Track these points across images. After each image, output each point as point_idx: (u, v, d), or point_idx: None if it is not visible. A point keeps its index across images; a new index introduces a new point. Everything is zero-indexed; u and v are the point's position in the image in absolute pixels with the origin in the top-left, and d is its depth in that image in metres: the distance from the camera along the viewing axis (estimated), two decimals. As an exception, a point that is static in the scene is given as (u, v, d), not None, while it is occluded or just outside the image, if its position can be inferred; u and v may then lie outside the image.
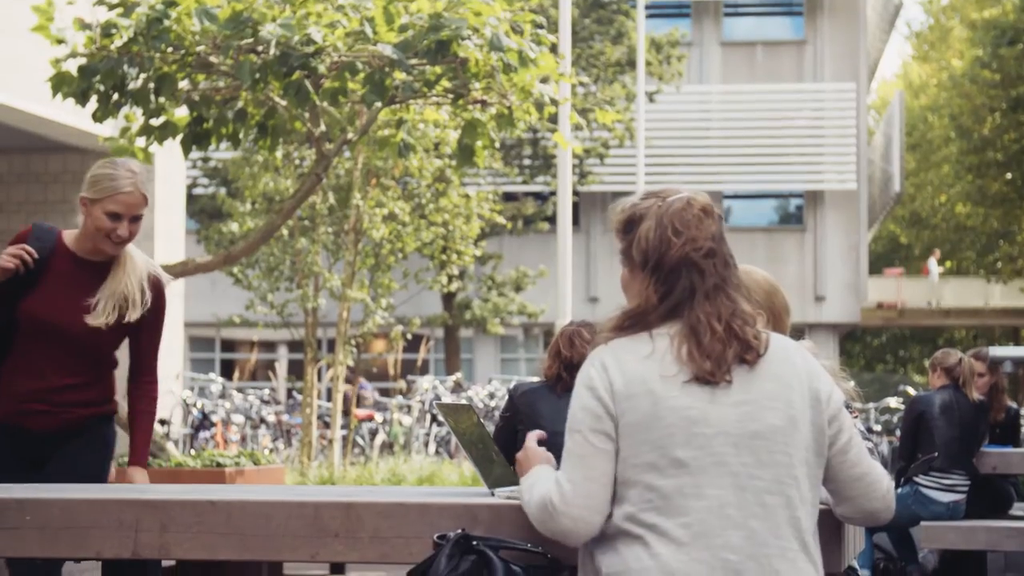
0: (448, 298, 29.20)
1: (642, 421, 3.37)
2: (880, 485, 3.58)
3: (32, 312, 5.31)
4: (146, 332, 5.47)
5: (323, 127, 10.78)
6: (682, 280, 3.46)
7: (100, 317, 5.30)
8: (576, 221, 33.02)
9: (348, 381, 19.16)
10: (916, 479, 10.01)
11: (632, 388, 3.39)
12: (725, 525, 3.33)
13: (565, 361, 6.75)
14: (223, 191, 23.76)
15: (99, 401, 5.48)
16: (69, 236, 5.49)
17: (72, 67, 9.74)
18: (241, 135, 10.21)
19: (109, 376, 5.53)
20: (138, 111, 9.97)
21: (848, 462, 3.53)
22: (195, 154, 20.78)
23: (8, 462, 5.29)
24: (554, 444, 3.61)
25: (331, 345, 22.87)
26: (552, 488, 3.45)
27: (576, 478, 3.42)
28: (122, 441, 5.94)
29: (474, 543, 3.53)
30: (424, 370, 33.28)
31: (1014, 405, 11.02)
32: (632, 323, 3.49)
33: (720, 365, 3.40)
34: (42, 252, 5.38)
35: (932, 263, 41.18)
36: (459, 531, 3.56)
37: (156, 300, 5.43)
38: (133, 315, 5.34)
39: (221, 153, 23.87)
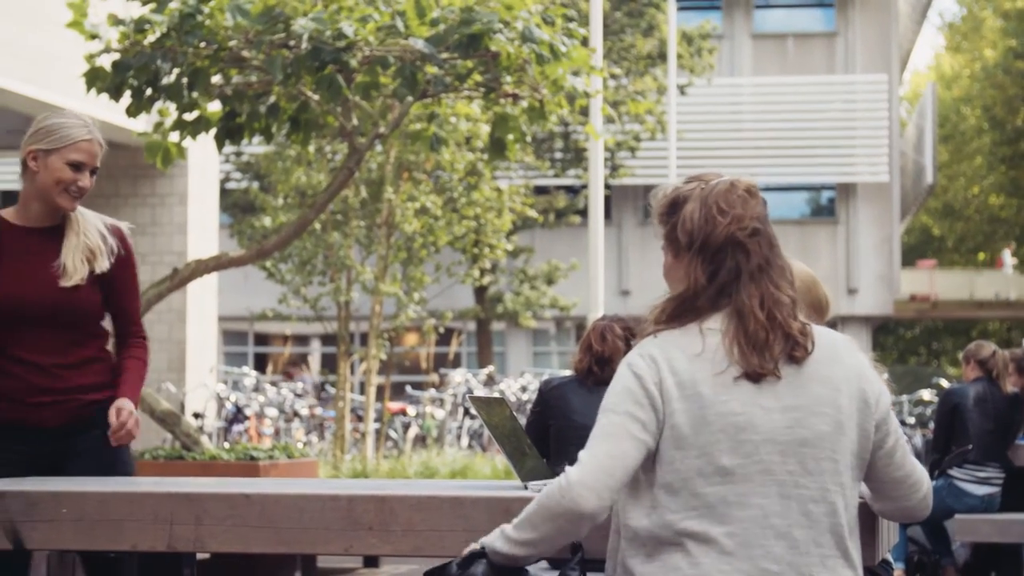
0: (480, 292, 29.22)
1: (689, 425, 3.31)
2: (921, 487, 3.56)
3: (0, 298, 4.96)
4: (120, 283, 5.11)
5: (355, 121, 10.80)
6: (728, 260, 3.40)
7: (72, 276, 4.97)
8: (608, 214, 32.99)
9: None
10: (950, 472, 9.99)
11: (682, 390, 3.32)
12: (768, 535, 3.29)
13: (596, 355, 6.75)
14: (256, 185, 23.79)
15: (104, 384, 5.07)
16: (8, 212, 5.12)
17: (106, 62, 9.78)
18: (274, 129, 10.24)
19: (106, 353, 5.15)
20: (171, 106, 10.01)
21: (893, 465, 3.50)
22: (228, 148, 20.82)
23: (18, 467, 4.90)
24: (585, 439, 3.58)
25: (364, 339, 22.91)
26: (568, 469, 3.36)
27: (598, 452, 3.31)
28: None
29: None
30: (456, 363, 33.31)
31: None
32: (681, 310, 3.42)
33: (765, 356, 3.34)
34: None
35: (1007, 255, 40.88)
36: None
37: (122, 246, 5.12)
38: (102, 263, 5.01)
39: (254, 147, 23.92)
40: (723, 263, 3.41)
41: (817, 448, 3.34)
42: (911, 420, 21.82)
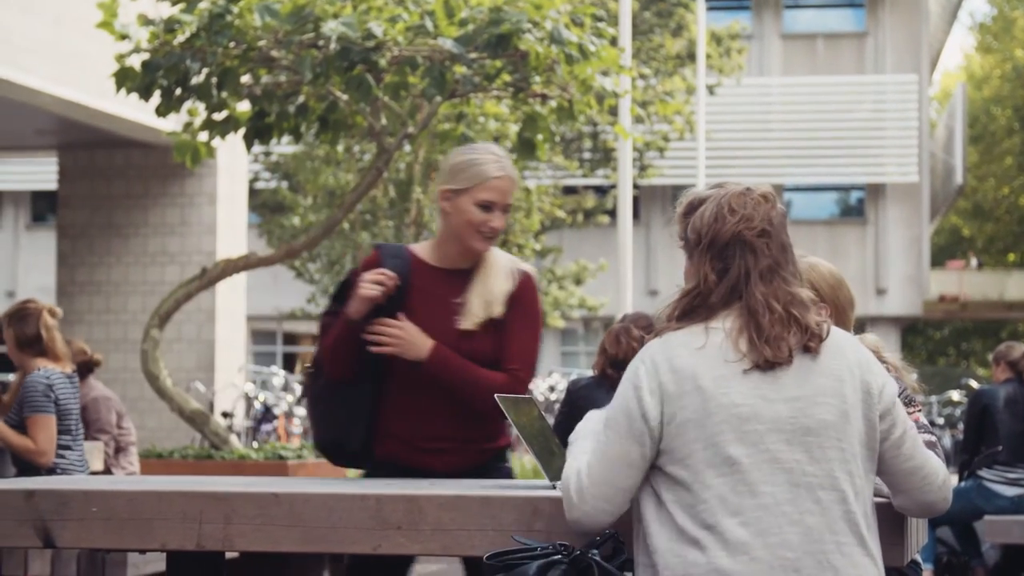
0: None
1: (693, 419, 3.38)
2: (936, 477, 3.56)
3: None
4: (508, 323, 4.78)
5: (384, 121, 10.82)
6: (736, 259, 3.48)
7: (470, 318, 4.74)
8: (636, 214, 32.99)
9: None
10: (980, 473, 9.97)
11: (683, 386, 3.40)
12: (781, 523, 3.32)
13: (611, 358, 6.77)
14: (284, 185, 23.86)
15: (498, 432, 4.88)
16: (422, 249, 4.90)
17: (135, 62, 9.82)
18: (302, 129, 10.27)
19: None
20: (201, 106, 10.04)
21: (902, 455, 3.53)
22: (257, 148, 20.86)
23: None
24: None
25: (392, 338, 22.93)
26: (573, 478, 3.50)
27: (596, 477, 3.47)
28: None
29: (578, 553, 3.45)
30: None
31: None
32: (692, 307, 3.50)
33: (780, 347, 3.41)
34: (400, 271, 4.77)
35: None
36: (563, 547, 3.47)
37: (523, 292, 4.81)
38: (498, 309, 4.76)
39: (283, 147, 23.96)
40: (732, 261, 3.49)
41: (822, 436, 3.39)
42: (940, 421, 21.77)
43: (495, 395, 4.21)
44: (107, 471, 8.85)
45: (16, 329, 7.49)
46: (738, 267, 3.48)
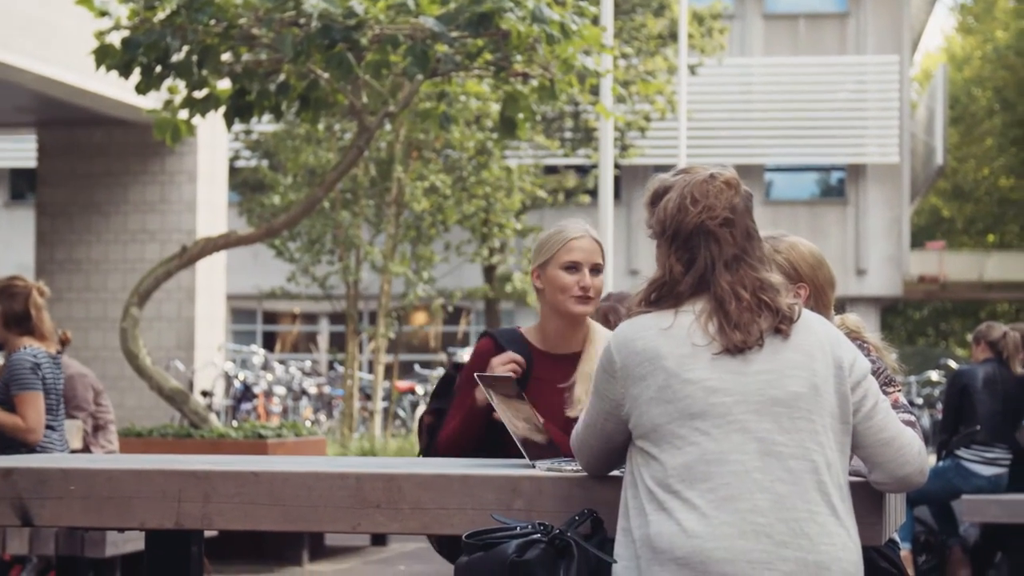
0: (489, 271, 29.19)
1: (658, 396, 3.43)
2: (910, 449, 3.57)
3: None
4: None
5: (365, 100, 10.79)
6: (701, 249, 3.52)
7: (576, 406, 4.65)
8: (617, 194, 32.95)
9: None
10: (958, 452, 9.99)
11: (646, 367, 3.45)
12: (752, 489, 3.35)
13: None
14: (265, 164, 23.80)
15: None
16: (530, 333, 4.85)
17: (115, 39, 9.78)
18: (283, 108, 10.24)
19: None
20: (181, 83, 10.01)
21: (875, 427, 3.54)
22: (237, 127, 20.83)
23: None
24: None
25: (372, 317, 22.92)
26: (573, 436, 3.72)
27: (582, 442, 3.68)
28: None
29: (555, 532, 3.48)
30: (465, 342, 33.31)
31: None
32: (659, 295, 3.55)
33: (751, 332, 3.44)
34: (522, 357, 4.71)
35: None
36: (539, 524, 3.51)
37: None
38: None
39: (263, 126, 23.90)
40: (697, 252, 3.53)
41: (792, 408, 3.42)
42: (919, 401, 21.83)
43: (476, 375, 4.21)
44: (86, 449, 8.83)
45: (4, 306, 7.44)
46: (703, 258, 3.52)
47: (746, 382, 3.42)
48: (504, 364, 4.60)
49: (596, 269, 4.75)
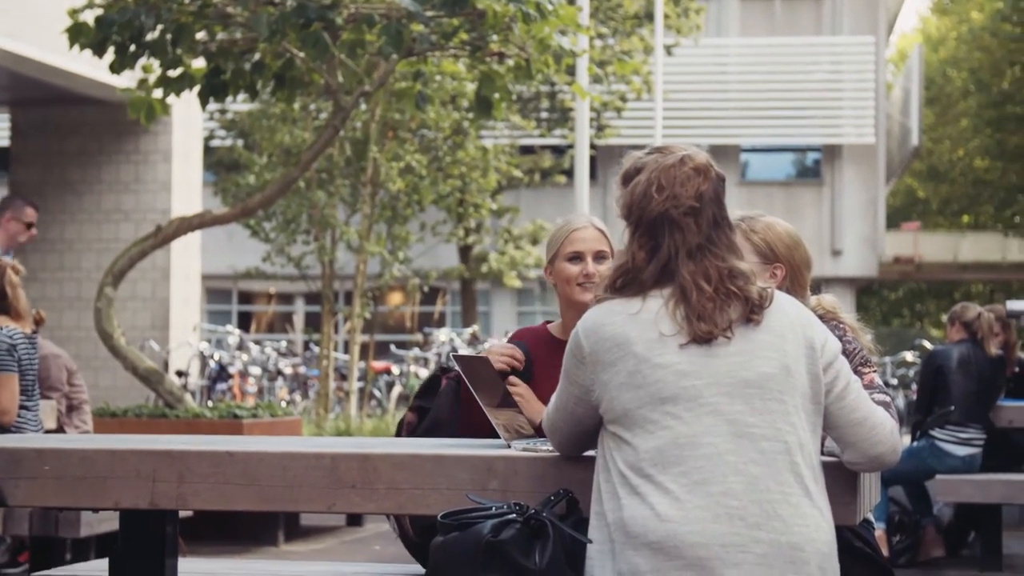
0: (465, 251, 29.19)
1: (628, 382, 3.42)
2: (883, 428, 3.58)
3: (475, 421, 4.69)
4: None
5: (340, 79, 10.76)
6: (665, 238, 3.50)
7: None
8: (593, 175, 32.96)
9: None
10: (932, 432, 10.03)
11: (615, 352, 3.45)
12: (725, 471, 3.35)
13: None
14: (240, 143, 23.72)
15: None
16: (554, 327, 5.00)
17: (89, 18, 9.73)
18: (258, 87, 10.20)
19: None
20: (155, 62, 9.97)
21: (847, 407, 3.54)
22: (212, 106, 20.77)
23: None
24: None
25: (348, 298, 22.90)
26: (545, 417, 3.72)
27: (554, 424, 3.67)
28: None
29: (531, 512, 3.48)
30: (441, 323, 33.32)
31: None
32: (624, 282, 3.53)
33: (716, 322, 3.43)
34: (528, 345, 4.89)
35: None
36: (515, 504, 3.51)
37: None
38: None
39: (238, 105, 23.84)
40: (661, 240, 3.51)
41: (763, 389, 3.42)
42: (894, 382, 21.88)
43: (452, 356, 4.21)
44: (60, 429, 8.80)
45: None
46: (667, 246, 3.50)
47: (717, 364, 3.42)
48: (500, 356, 4.70)
49: (600, 256, 4.84)
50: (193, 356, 18.67)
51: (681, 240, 3.49)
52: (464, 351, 20.85)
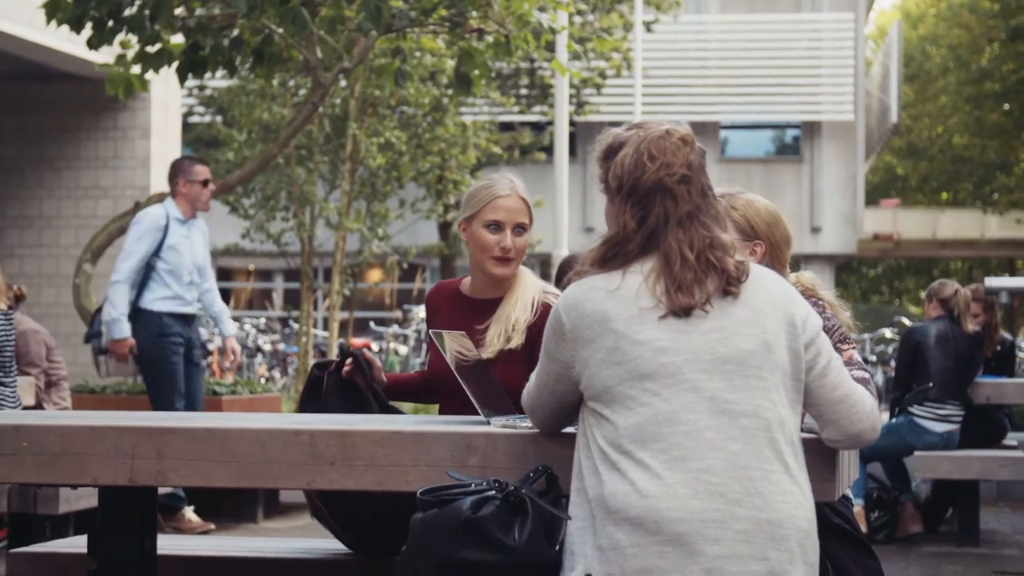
0: (445, 228, 29.17)
1: (607, 359, 3.42)
2: (863, 406, 3.58)
3: (442, 380, 4.73)
4: (531, 358, 4.27)
5: (319, 55, 10.73)
6: (656, 206, 3.50)
7: (488, 348, 4.69)
8: (573, 151, 32.95)
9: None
10: (911, 409, 10.06)
11: (595, 329, 3.45)
12: (704, 448, 3.34)
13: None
14: (219, 120, 23.66)
15: None
16: (466, 284, 4.92)
17: (67, -7, 9.68)
18: (237, 63, 10.17)
19: None
20: (133, 38, 9.93)
21: (828, 385, 3.55)
22: (191, 82, 20.71)
23: None
24: None
25: (327, 274, 22.87)
26: (525, 395, 3.72)
27: (534, 401, 3.67)
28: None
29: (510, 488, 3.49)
30: (420, 299, 33.31)
31: (1008, 336, 11.03)
32: (612, 253, 3.52)
33: (694, 295, 3.42)
34: (433, 299, 4.91)
35: None
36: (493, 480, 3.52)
37: (543, 324, 4.02)
38: (516, 341, 4.69)
39: (217, 82, 23.75)
40: (651, 208, 3.50)
41: (743, 366, 3.41)
42: (873, 358, 21.95)
43: (431, 332, 4.20)
44: (39, 406, 8.79)
45: None
46: (657, 215, 3.50)
47: (696, 341, 3.41)
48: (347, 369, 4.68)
49: (520, 228, 4.74)
50: (172, 333, 18.60)
51: (673, 208, 3.49)
52: (444, 328, 20.79)
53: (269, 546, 5.11)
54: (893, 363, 20.45)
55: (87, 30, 9.69)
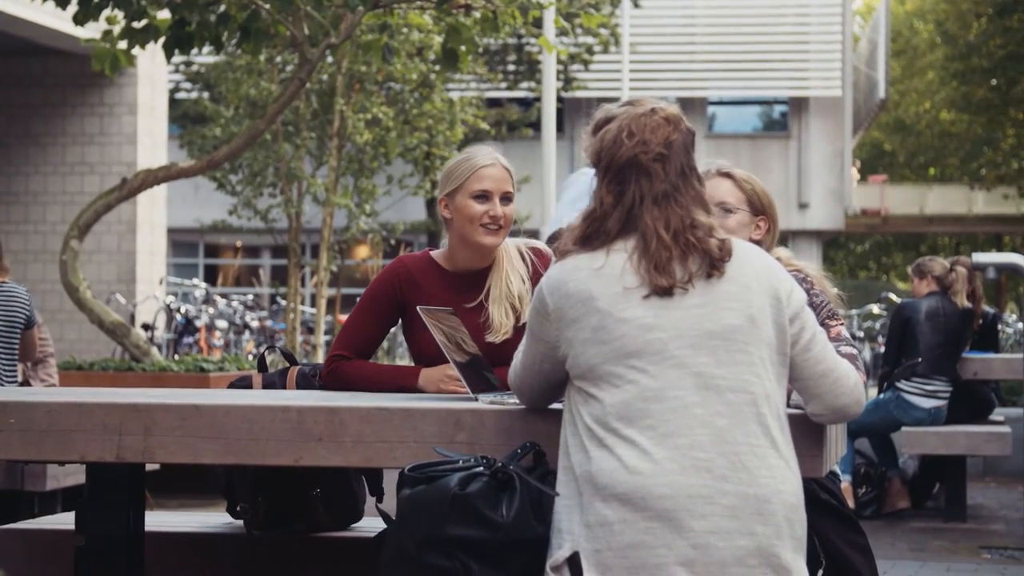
0: (432, 204, 29.15)
1: (592, 337, 3.42)
2: (847, 380, 3.58)
3: (426, 355, 4.60)
4: None
5: (306, 31, 10.70)
6: (631, 183, 3.50)
7: (499, 331, 4.60)
8: (560, 127, 32.92)
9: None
10: (899, 385, 10.07)
11: (579, 308, 3.45)
12: (691, 424, 3.35)
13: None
14: (206, 96, 23.61)
15: None
16: (439, 255, 4.74)
17: (52, -31, 9.64)
18: (224, 39, 10.14)
19: None
20: (120, 13, 9.89)
21: (812, 359, 3.55)
22: (178, 58, 20.64)
23: None
24: None
25: (315, 251, 22.85)
26: (511, 373, 3.73)
27: (520, 379, 3.69)
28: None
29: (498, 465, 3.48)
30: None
31: (989, 309, 11.04)
32: (592, 230, 3.52)
33: (673, 274, 3.42)
34: (409, 276, 4.70)
35: None
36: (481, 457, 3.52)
37: (540, 274, 4.29)
38: (525, 313, 4.46)
39: (204, 58, 23.69)
40: (627, 185, 3.50)
41: (729, 341, 3.42)
42: (860, 334, 21.96)
43: (418, 308, 4.19)
44: (25, 383, 8.78)
45: None
46: (633, 192, 3.50)
47: (681, 317, 3.41)
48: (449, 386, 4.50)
49: (507, 198, 4.66)
50: (159, 309, 18.63)
51: (648, 186, 3.49)
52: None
53: (257, 523, 5.09)
54: (881, 339, 20.49)
55: (73, 5, 9.65)
